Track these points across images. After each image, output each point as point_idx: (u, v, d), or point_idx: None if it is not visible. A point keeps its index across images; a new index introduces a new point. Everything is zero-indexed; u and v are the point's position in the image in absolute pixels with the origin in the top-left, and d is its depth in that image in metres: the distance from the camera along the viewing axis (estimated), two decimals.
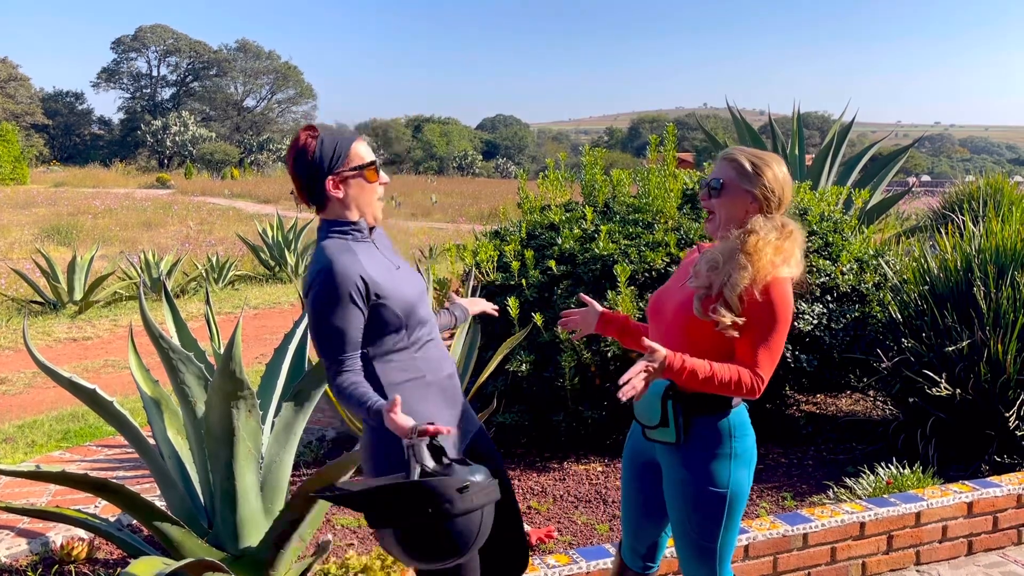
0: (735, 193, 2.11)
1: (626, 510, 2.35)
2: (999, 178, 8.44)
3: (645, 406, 2.13)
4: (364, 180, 2.05)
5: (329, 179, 2.02)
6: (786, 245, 2.07)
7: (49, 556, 3.37)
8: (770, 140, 9.99)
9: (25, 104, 63.13)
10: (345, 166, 2.03)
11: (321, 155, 2.01)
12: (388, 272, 2.05)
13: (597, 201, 5.05)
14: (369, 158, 2.06)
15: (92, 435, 5.28)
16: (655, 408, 2.09)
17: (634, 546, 2.36)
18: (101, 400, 2.82)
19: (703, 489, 2.10)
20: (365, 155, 2.05)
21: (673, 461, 2.14)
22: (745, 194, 2.10)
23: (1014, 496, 3.61)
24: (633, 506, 2.32)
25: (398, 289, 2.03)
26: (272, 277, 13.22)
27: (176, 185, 35.80)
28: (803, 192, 5.43)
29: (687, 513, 2.13)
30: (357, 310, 1.97)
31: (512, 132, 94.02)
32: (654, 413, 2.10)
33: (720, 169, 2.14)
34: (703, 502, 2.10)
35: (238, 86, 77.20)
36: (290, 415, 3.01)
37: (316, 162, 2.01)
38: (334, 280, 1.94)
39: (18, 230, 18.31)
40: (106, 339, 8.71)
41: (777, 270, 2.04)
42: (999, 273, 4.18)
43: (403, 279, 2.08)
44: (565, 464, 4.32)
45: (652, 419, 2.12)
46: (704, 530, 2.12)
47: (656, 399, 2.09)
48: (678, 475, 2.13)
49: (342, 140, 2.04)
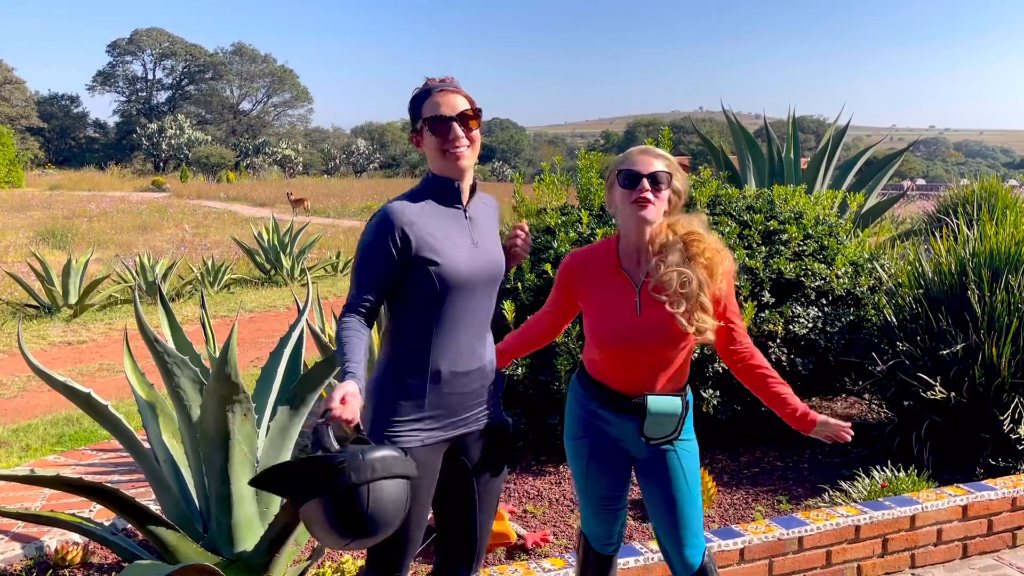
0: (671, 188, 2.23)
1: (606, 513, 2.42)
2: (993, 182, 8.47)
3: (660, 427, 2.25)
4: (431, 134, 2.04)
5: (412, 135, 2.10)
6: (712, 234, 2.25)
7: (43, 560, 3.36)
8: (765, 144, 10.01)
9: (20, 107, 62.97)
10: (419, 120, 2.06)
11: (411, 111, 2.08)
12: (449, 238, 2.01)
13: (593, 205, 5.05)
14: (437, 112, 2.02)
15: (87, 439, 5.27)
16: (671, 424, 2.25)
17: (609, 534, 2.45)
18: (96, 404, 2.82)
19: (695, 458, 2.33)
20: (432, 110, 2.03)
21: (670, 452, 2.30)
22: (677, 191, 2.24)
23: (1009, 499, 3.61)
24: (609, 500, 2.40)
25: (450, 261, 1.99)
26: (268, 280, 13.20)
27: (172, 188, 35.74)
28: (798, 196, 5.44)
29: (691, 486, 2.30)
30: (386, 256, 1.96)
31: (508, 135, 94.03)
32: (669, 428, 2.26)
33: (659, 164, 2.22)
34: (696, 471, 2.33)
35: (234, 89, 77.15)
36: (285, 419, 3.01)
37: (410, 118, 2.08)
38: (376, 221, 1.98)
39: (13, 233, 18.26)
40: (101, 343, 8.69)
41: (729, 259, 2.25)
42: (993, 277, 4.20)
43: (465, 252, 2.03)
44: (561, 468, 4.32)
45: (665, 433, 2.26)
46: (694, 491, 2.32)
47: (675, 417, 2.25)
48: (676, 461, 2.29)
49: (419, 95, 2.07)
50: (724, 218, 4.85)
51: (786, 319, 4.48)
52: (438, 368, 2.04)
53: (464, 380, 2.08)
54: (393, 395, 2.03)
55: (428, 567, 3.22)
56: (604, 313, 2.25)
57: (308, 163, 63.30)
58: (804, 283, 4.61)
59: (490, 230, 2.16)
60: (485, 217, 2.16)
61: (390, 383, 2.04)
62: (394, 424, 2.02)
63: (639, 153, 2.24)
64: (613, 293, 2.25)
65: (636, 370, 2.23)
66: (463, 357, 2.07)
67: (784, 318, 4.47)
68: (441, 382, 2.05)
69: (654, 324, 2.18)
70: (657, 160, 2.20)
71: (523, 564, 2.99)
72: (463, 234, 2.05)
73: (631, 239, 2.23)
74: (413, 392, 2.03)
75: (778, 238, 4.83)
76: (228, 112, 75.52)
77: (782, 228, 4.87)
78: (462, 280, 2.01)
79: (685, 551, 2.29)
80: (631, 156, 2.23)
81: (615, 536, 2.46)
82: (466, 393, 2.10)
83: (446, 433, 2.09)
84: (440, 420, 2.06)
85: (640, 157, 2.21)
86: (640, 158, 2.21)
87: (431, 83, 2.08)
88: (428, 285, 1.99)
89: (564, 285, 2.35)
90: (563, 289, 2.36)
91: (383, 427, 2.02)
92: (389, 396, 2.03)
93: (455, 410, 2.09)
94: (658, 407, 2.22)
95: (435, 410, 2.06)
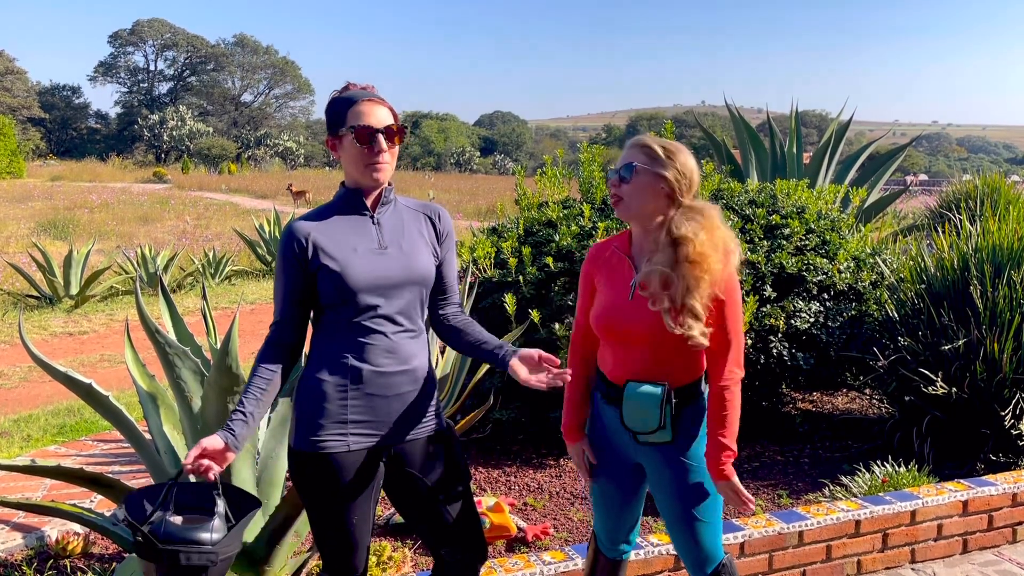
0: (647, 178, 2.10)
1: (607, 508, 2.38)
2: (996, 177, 8.45)
3: (639, 416, 2.15)
4: (353, 142, 2.01)
5: (329, 139, 2.07)
6: (716, 234, 2.07)
7: (44, 551, 3.37)
8: (768, 138, 9.99)
9: (22, 98, 62.92)
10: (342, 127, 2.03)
11: (328, 114, 2.06)
12: (350, 247, 2.02)
13: (595, 198, 5.05)
14: (363, 121, 1.99)
15: (88, 430, 5.28)
16: (653, 415, 2.13)
17: (615, 537, 2.41)
18: (97, 395, 2.82)
19: (702, 471, 2.17)
20: (356, 118, 2.00)
21: (669, 456, 2.18)
22: (657, 178, 2.09)
23: (1009, 495, 3.61)
24: (615, 504, 2.35)
25: (349, 266, 2.00)
26: (269, 272, 13.20)
27: (173, 180, 35.72)
28: (800, 190, 5.43)
29: (692, 499, 2.18)
30: (290, 273, 2.01)
31: (510, 129, 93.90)
32: (652, 420, 2.14)
33: (630, 155, 2.14)
34: (703, 482, 2.18)
35: (236, 81, 77.00)
36: (286, 410, 3.01)
37: (327, 121, 2.06)
38: (281, 241, 2.03)
39: (14, 224, 18.26)
40: (102, 334, 8.70)
41: (728, 266, 2.08)
42: (995, 272, 4.19)
43: (366, 259, 2.02)
44: (562, 461, 4.32)
45: (649, 425, 2.15)
46: (707, 508, 2.20)
47: (654, 407, 2.12)
48: (678, 468, 2.18)
49: (343, 100, 2.04)
50: (726, 212, 4.84)
51: (788, 314, 4.47)
52: (357, 367, 2.02)
53: (388, 381, 2.05)
54: (316, 398, 2.02)
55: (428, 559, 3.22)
56: (603, 296, 2.22)
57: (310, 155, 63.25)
58: (806, 278, 4.60)
59: (409, 234, 2.11)
60: (404, 222, 2.12)
61: (312, 385, 2.03)
62: (318, 429, 2.01)
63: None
64: (616, 278, 2.21)
65: (628, 359, 2.17)
66: (386, 358, 2.04)
67: (786, 313, 4.46)
68: (363, 382, 2.02)
69: (643, 314, 2.11)
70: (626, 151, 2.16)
71: (523, 557, 2.99)
72: (366, 239, 2.04)
73: (637, 230, 2.20)
74: (335, 393, 2.02)
75: (780, 232, 4.83)
76: (230, 104, 75.41)
77: (784, 223, 4.86)
78: (364, 283, 2.01)
79: (693, 571, 2.25)
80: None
81: (620, 538, 2.40)
82: (391, 397, 2.06)
83: (376, 440, 2.06)
84: (367, 427, 2.04)
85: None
86: None
87: (354, 88, 2.07)
88: (331, 290, 2.01)
89: (586, 277, 2.31)
90: (586, 281, 2.31)
91: (308, 431, 2.02)
92: (312, 398, 2.03)
93: (382, 414, 2.05)
94: (634, 392, 2.13)
95: (360, 414, 2.03)
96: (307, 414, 2.03)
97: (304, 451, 2.02)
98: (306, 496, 2.07)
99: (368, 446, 2.05)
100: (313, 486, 2.04)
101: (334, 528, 2.06)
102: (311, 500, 2.06)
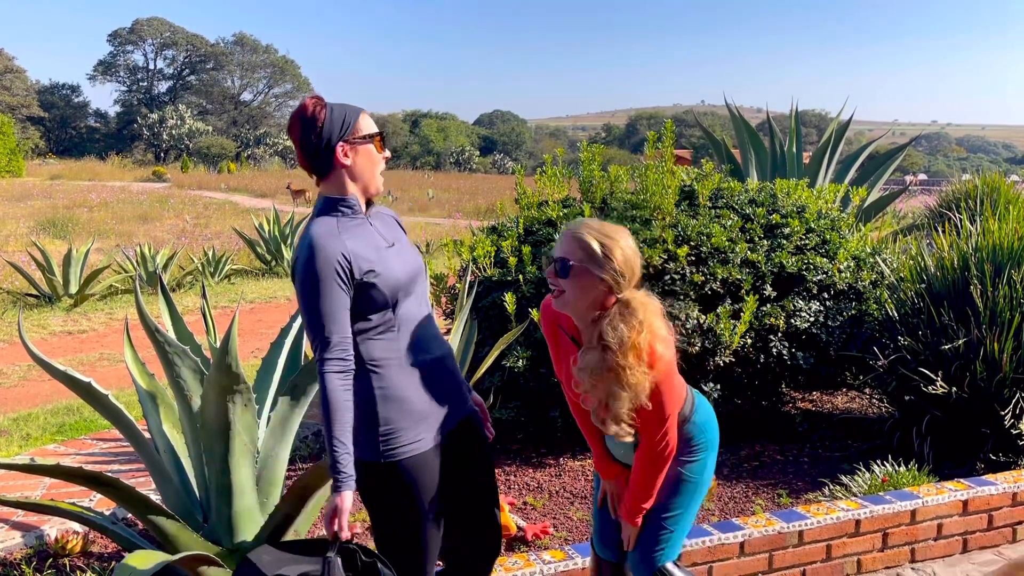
0: (584, 277, 2.04)
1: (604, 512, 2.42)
2: (995, 177, 8.45)
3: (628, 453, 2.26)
4: (373, 149, 2.09)
5: (340, 145, 2.04)
6: (641, 339, 2.00)
7: (44, 549, 3.37)
8: (768, 137, 9.99)
9: (21, 96, 62.83)
10: (354, 134, 2.06)
11: (331, 122, 2.04)
12: (376, 249, 2.06)
13: (595, 197, 5.04)
14: (375, 129, 2.11)
15: (87, 429, 5.27)
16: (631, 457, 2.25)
17: (611, 542, 2.42)
18: (96, 393, 2.81)
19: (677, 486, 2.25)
20: (371, 127, 2.10)
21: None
22: (594, 278, 2.04)
23: (1009, 494, 3.61)
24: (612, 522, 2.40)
25: (386, 266, 2.04)
26: (268, 271, 13.19)
27: (172, 179, 35.68)
28: (800, 190, 5.43)
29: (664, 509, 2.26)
30: (340, 290, 1.98)
31: (509, 128, 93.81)
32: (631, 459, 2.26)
33: (568, 247, 2.07)
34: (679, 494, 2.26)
35: (235, 80, 76.93)
36: (286, 409, 3.01)
37: (327, 129, 2.03)
38: (316, 261, 1.96)
39: (14, 223, 18.24)
40: (101, 332, 8.70)
41: (656, 373, 2.03)
42: (996, 271, 4.19)
43: (394, 255, 2.09)
44: (561, 460, 4.32)
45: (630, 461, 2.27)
46: (674, 518, 2.26)
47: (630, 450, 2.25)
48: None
49: (351, 110, 2.08)
50: (726, 212, 4.84)
51: (788, 313, 4.47)
52: (424, 360, 2.10)
53: (442, 366, 2.16)
54: (400, 402, 2.05)
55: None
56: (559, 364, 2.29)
57: None
58: (806, 277, 4.60)
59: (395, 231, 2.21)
60: (385, 222, 2.20)
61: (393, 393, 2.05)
62: (410, 432, 2.05)
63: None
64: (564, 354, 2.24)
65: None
66: (433, 343, 2.15)
67: (786, 312, 4.46)
68: (430, 372, 2.11)
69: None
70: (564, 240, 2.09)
71: (523, 556, 2.99)
72: (378, 241, 2.10)
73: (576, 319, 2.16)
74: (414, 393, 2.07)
75: (780, 232, 4.82)
76: (229, 102, 75.36)
77: (784, 222, 4.86)
78: (404, 279, 2.09)
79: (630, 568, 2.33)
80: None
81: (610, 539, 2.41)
82: (447, 380, 2.17)
83: (440, 431, 2.12)
84: (433, 419, 2.10)
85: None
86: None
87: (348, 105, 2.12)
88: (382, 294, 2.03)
89: (548, 335, 2.28)
90: (550, 339, 2.29)
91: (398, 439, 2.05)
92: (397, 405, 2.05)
93: (445, 400, 2.14)
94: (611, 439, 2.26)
95: (435, 406, 2.10)
96: (394, 420, 2.04)
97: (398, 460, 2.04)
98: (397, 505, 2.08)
99: (437, 442, 2.12)
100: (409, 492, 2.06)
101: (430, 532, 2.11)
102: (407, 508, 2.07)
